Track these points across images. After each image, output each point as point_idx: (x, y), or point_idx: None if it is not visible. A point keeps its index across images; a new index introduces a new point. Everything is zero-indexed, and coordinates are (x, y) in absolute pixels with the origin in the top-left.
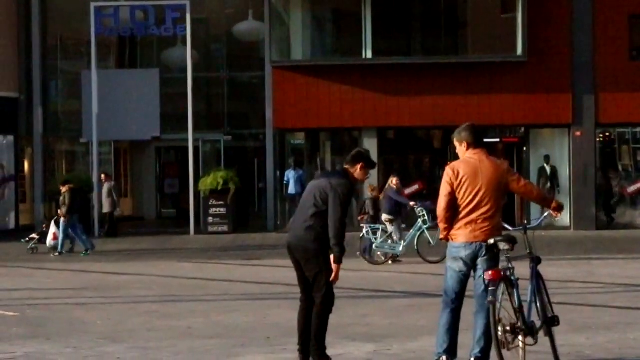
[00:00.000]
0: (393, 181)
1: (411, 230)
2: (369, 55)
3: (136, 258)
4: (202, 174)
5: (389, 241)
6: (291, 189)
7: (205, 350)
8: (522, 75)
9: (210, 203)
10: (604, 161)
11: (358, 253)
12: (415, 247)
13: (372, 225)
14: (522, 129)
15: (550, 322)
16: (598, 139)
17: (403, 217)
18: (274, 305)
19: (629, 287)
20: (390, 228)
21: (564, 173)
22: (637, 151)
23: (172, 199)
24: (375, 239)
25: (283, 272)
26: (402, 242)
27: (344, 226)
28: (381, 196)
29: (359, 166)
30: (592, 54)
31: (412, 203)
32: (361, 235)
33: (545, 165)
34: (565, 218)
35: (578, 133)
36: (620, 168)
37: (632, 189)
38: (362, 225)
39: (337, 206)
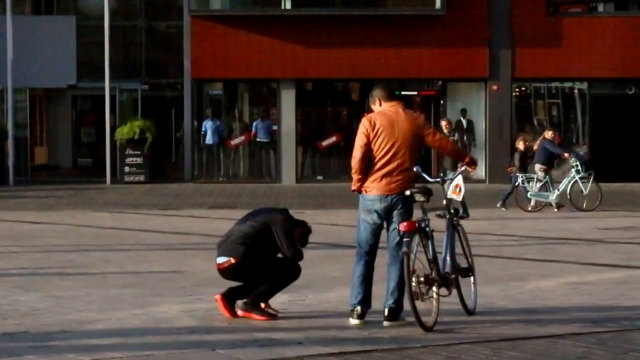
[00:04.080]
0: (549, 133)
1: (564, 180)
2: (288, 6)
3: (51, 207)
4: (118, 123)
5: (543, 190)
6: (208, 139)
7: (120, 300)
8: (440, 28)
9: (126, 152)
10: (519, 115)
11: (498, 204)
12: (568, 196)
13: (526, 175)
14: (440, 83)
15: (465, 272)
16: (514, 93)
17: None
18: (189, 255)
19: (541, 240)
20: (545, 177)
21: (480, 127)
22: (552, 106)
23: (89, 148)
24: (530, 187)
25: (199, 223)
26: (556, 190)
27: None
28: (535, 146)
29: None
30: (509, 8)
31: (566, 154)
32: (516, 184)
33: (461, 118)
34: (480, 171)
35: (494, 87)
36: (535, 122)
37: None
38: (513, 175)
39: None
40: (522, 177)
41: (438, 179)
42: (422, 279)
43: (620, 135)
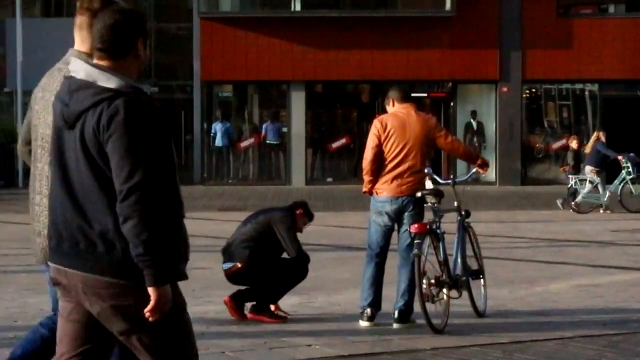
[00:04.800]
0: (601, 135)
1: (615, 181)
2: (298, 8)
3: None
4: None
5: (594, 192)
6: (218, 142)
7: None
8: (450, 30)
9: None
10: (529, 117)
11: (559, 201)
12: (619, 198)
13: (578, 176)
14: (450, 84)
15: (475, 274)
16: (524, 95)
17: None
18: (199, 257)
19: (552, 242)
20: (596, 179)
21: (490, 129)
22: (562, 107)
23: None
24: (582, 189)
25: (208, 225)
26: (607, 192)
27: None
28: (587, 148)
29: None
30: (520, 10)
31: (620, 156)
32: (569, 185)
33: (471, 120)
34: (491, 173)
35: (505, 89)
36: (545, 124)
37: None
38: (568, 176)
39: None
40: (574, 178)
41: (449, 181)
42: (432, 280)
43: (631, 137)
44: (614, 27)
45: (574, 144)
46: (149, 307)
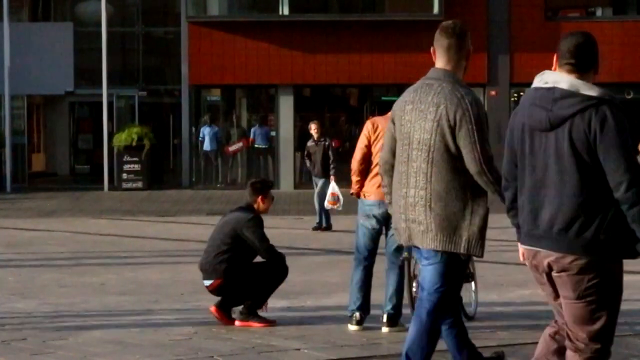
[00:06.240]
0: None
1: None
2: (286, 11)
3: (49, 214)
4: (116, 130)
5: None
6: (206, 146)
7: (118, 306)
8: None
9: (124, 159)
10: None
11: None
12: None
13: None
14: None
15: (465, 277)
16: (512, 99)
17: None
18: (187, 262)
19: None
20: None
21: None
22: None
23: (86, 154)
24: None
25: (197, 229)
26: None
27: None
28: None
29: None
30: (507, 13)
31: None
32: None
33: None
34: None
35: (493, 92)
36: None
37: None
38: None
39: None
40: None
41: None
42: None
43: None
44: (601, 31)
45: None
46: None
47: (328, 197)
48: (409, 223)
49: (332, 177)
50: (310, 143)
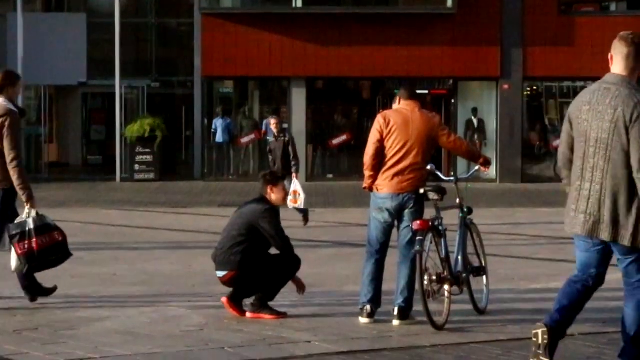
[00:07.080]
0: None
1: None
2: (299, 4)
3: (61, 204)
4: (128, 121)
5: None
6: (218, 138)
7: (130, 297)
8: (451, 27)
9: (136, 150)
10: (530, 115)
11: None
12: None
13: None
14: (451, 82)
15: (477, 271)
16: (525, 93)
17: None
18: (199, 253)
19: (552, 240)
20: None
21: (491, 126)
22: (563, 105)
23: (99, 145)
24: None
25: (208, 221)
26: None
27: None
28: None
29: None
30: (521, 7)
31: None
32: None
33: (472, 117)
34: (491, 171)
35: (506, 86)
36: (546, 122)
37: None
38: None
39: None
40: None
41: (452, 178)
42: (434, 277)
43: None
44: (615, 25)
45: None
46: None
47: (290, 195)
48: (578, 214)
49: (294, 175)
50: (270, 139)
